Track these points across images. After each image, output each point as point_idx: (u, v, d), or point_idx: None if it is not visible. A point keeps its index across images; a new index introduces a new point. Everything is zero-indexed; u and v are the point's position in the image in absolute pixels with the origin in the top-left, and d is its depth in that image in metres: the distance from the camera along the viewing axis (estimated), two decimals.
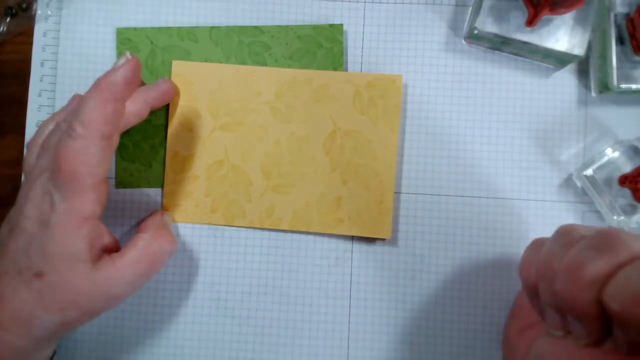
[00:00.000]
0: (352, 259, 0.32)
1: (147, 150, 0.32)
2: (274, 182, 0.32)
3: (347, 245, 0.32)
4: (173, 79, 0.32)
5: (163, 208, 0.32)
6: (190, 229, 0.32)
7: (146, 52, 0.32)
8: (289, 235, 0.32)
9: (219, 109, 0.32)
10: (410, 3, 0.32)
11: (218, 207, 0.32)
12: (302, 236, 0.32)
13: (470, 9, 0.31)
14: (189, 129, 0.32)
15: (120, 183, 0.32)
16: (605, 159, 0.31)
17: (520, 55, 0.32)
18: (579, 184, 0.31)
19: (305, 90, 0.32)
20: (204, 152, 0.32)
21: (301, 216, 0.31)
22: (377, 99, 0.31)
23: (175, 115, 0.32)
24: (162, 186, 0.32)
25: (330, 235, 0.32)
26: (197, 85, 0.32)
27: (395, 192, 0.32)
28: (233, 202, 0.32)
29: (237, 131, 0.32)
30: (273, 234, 0.32)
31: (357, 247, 0.32)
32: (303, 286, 0.32)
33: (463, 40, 0.32)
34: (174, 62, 0.32)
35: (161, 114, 0.32)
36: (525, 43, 0.29)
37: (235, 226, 0.32)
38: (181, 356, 0.31)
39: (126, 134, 0.32)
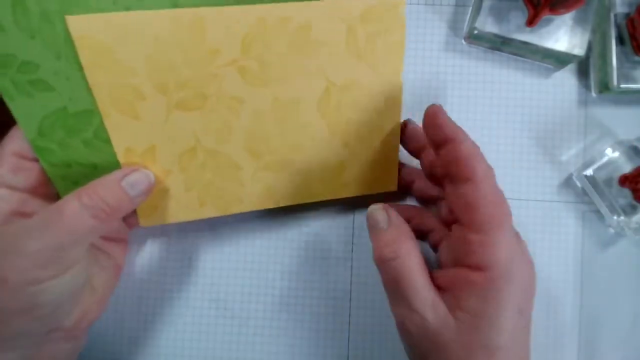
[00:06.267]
0: (352, 259, 0.32)
1: (81, 148, 0.25)
2: (264, 161, 0.27)
3: (347, 245, 0.32)
4: (78, 45, 0.22)
5: (137, 215, 0.27)
6: (190, 229, 0.32)
7: (8, 2, 0.21)
8: (289, 235, 0.32)
9: (167, 81, 0.23)
10: (410, 3, 0.32)
11: (205, 199, 0.27)
12: (303, 236, 0.32)
13: (470, 9, 0.31)
14: (134, 116, 0.24)
15: (64, 194, 0.25)
16: (605, 159, 0.31)
17: (520, 55, 0.32)
18: (579, 184, 0.31)
19: (281, 36, 0.24)
20: (167, 141, 0.25)
21: (303, 189, 0.28)
22: (376, 38, 0.25)
23: (106, 101, 0.23)
24: None
25: (331, 235, 0.32)
26: (120, 51, 0.22)
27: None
28: (222, 190, 0.27)
29: (201, 108, 0.24)
30: (273, 234, 0.32)
31: (357, 247, 0.32)
32: (303, 286, 0.32)
33: (463, 40, 0.32)
34: (69, 19, 0.21)
35: (79, 96, 0.23)
36: (525, 43, 0.29)
37: (233, 214, 0.28)
38: (181, 356, 0.31)
39: (42, 136, 0.24)
